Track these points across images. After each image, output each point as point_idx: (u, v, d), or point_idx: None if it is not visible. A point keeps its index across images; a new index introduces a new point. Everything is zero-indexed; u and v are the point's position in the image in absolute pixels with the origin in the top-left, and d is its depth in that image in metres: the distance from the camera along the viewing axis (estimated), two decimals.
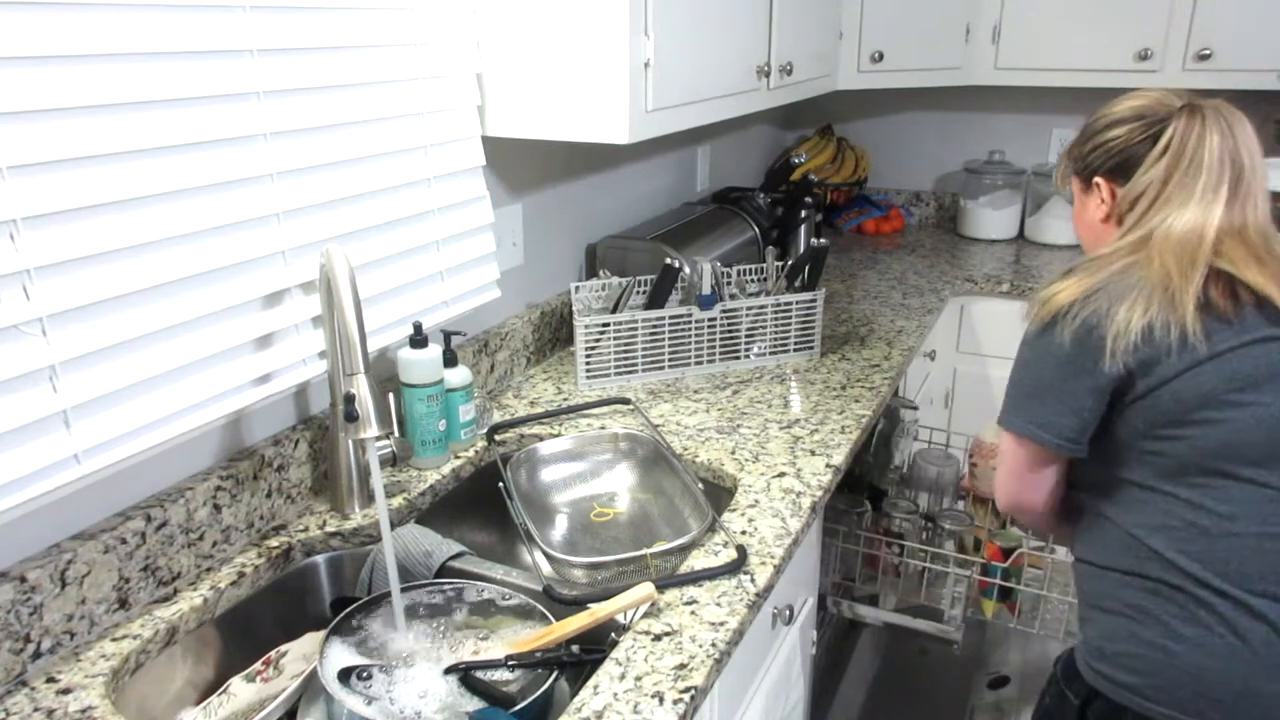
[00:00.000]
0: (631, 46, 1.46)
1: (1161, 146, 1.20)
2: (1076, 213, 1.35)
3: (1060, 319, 1.16)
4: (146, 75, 1.05)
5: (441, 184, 1.53)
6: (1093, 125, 1.29)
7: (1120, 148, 1.24)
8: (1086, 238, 1.34)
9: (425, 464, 1.47)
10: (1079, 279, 1.18)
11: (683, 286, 1.89)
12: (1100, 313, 1.14)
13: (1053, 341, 1.17)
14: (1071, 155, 1.33)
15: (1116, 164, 1.25)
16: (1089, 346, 1.15)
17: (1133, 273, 1.15)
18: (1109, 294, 1.15)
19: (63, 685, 1.01)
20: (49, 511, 1.05)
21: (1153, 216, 1.19)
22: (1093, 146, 1.27)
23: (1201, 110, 1.21)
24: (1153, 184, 1.20)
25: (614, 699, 0.98)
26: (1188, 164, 1.18)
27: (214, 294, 1.17)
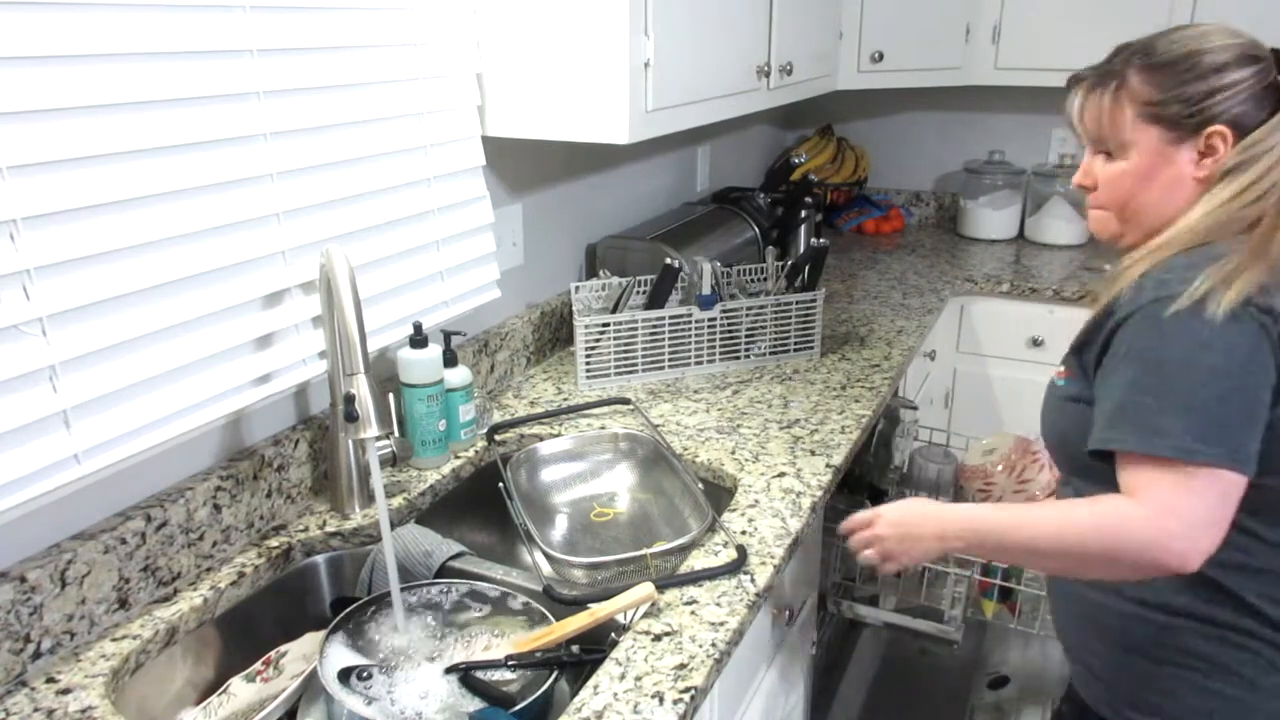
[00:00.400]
0: (631, 46, 1.46)
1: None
2: (1144, 170, 1.09)
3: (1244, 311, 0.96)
4: (146, 75, 1.05)
5: (441, 184, 1.53)
6: (1200, 63, 1.05)
7: (1249, 93, 1.04)
8: (1155, 200, 1.09)
9: (425, 464, 1.47)
10: (1240, 264, 0.97)
11: (683, 286, 1.89)
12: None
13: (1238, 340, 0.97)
14: (1161, 99, 1.06)
15: (1243, 111, 1.05)
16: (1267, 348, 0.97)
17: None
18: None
19: (63, 685, 1.01)
20: (49, 511, 1.05)
21: (1271, 181, 1.02)
22: (1211, 89, 1.04)
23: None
24: (1276, 147, 1.03)
25: (614, 699, 0.98)
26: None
27: (214, 294, 1.17)
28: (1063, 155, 2.91)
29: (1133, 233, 1.13)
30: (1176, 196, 1.08)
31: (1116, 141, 1.10)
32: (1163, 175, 1.08)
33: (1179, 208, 1.08)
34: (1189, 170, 1.07)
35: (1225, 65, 1.05)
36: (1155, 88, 1.06)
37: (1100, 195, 1.14)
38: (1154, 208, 1.10)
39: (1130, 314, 1.01)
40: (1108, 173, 1.12)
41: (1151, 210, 1.10)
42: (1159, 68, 1.07)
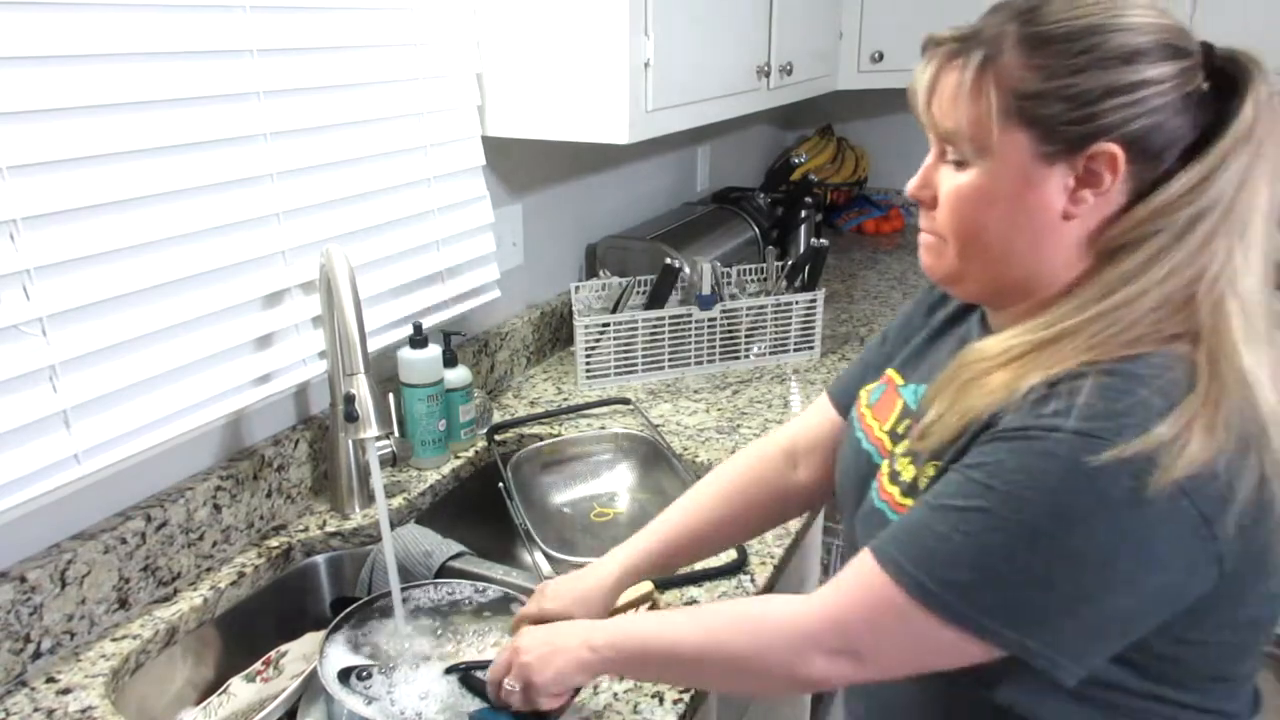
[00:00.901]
0: (631, 46, 1.46)
1: (1244, 128, 0.69)
2: (1003, 191, 0.74)
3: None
4: (146, 75, 1.05)
5: (441, 184, 1.53)
6: (1105, 44, 0.70)
7: (1163, 100, 0.70)
8: (1014, 239, 0.75)
9: (425, 464, 1.47)
10: (1199, 417, 0.66)
11: (683, 286, 1.89)
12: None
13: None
14: (1039, 90, 0.71)
15: (1150, 127, 0.70)
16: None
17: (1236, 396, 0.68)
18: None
19: (63, 685, 1.01)
20: (49, 511, 1.05)
21: (1208, 259, 0.70)
22: (1111, 86, 0.70)
23: (1263, 66, 0.72)
24: (1221, 199, 0.69)
25: (614, 699, 0.98)
26: (1266, 167, 0.71)
27: (214, 294, 1.17)
28: None
29: (975, 281, 0.80)
30: (1043, 243, 0.75)
31: (972, 143, 0.75)
32: (1024, 205, 0.74)
33: (1048, 261, 0.76)
34: (1058, 203, 0.73)
35: (1138, 54, 0.70)
36: (1035, 72, 0.71)
37: (938, 217, 0.79)
38: (1010, 252, 0.76)
39: (1022, 428, 0.68)
40: (952, 186, 0.78)
41: (1005, 255, 0.77)
42: (1046, 43, 0.71)
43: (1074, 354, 0.70)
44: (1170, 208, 0.70)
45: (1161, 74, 0.70)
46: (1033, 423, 0.68)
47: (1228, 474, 0.66)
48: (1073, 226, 0.74)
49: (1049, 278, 0.76)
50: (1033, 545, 0.66)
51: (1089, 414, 0.66)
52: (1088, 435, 0.65)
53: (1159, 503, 0.64)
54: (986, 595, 0.68)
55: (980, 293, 0.82)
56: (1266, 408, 0.68)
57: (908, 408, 0.88)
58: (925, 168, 0.81)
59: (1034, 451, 0.67)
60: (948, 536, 0.69)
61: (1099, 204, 0.73)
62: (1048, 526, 0.66)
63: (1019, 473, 0.67)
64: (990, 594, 0.68)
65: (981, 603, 0.68)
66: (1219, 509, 0.66)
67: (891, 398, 0.92)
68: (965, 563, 0.69)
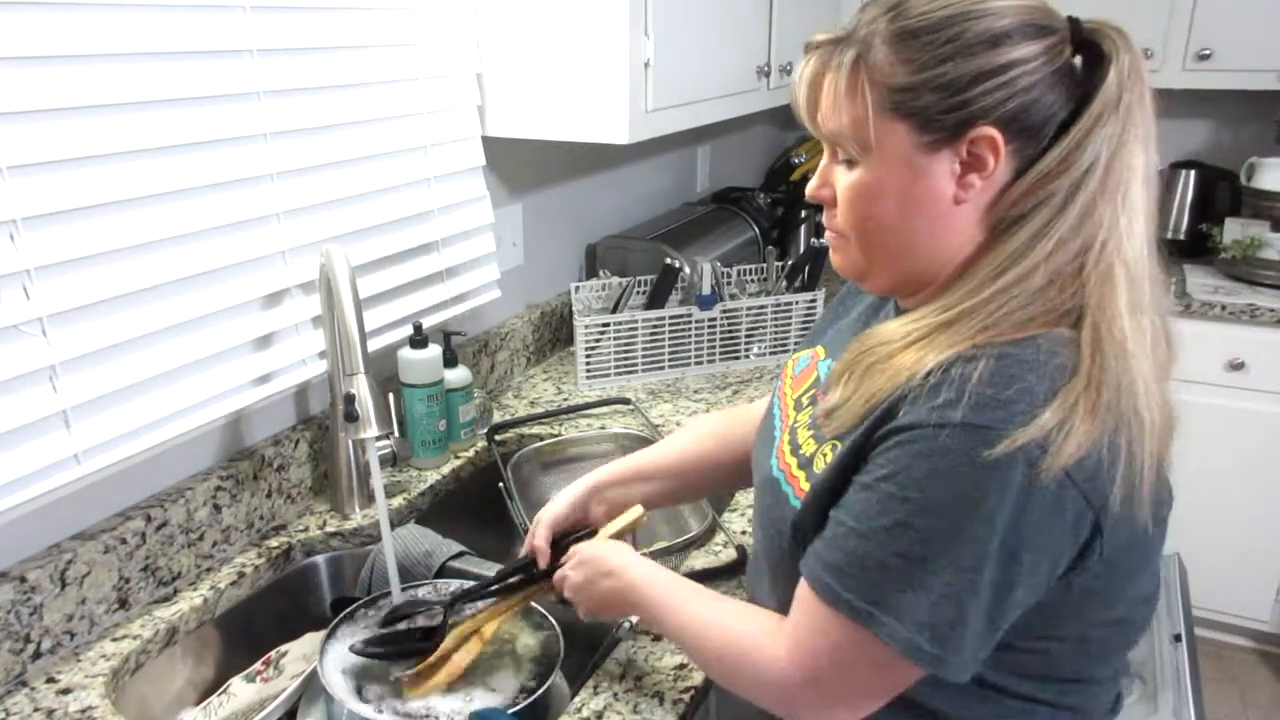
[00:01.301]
0: (631, 46, 1.46)
1: (1110, 96, 0.72)
2: (890, 185, 0.76)
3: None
4: (146, 75, 1.05)
5: (441, 184, 1.53)
6: (967, 31, 0.72)
7: (1033, 79, 0.72)
8: (910, 231, 0.77)
9: (425, 464, 1.47)
10: (1085, 396, 0.69)
11: (683, 286, 1.89)
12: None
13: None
14: (910, 83, 0.73)
15: (1023, 106, 0.72)
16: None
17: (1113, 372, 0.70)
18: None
19: (63, 685, 1.01)
20: (49, 511, 1.05)
21: (1094, 228, 0.72)
22: (979, 71, 0.71)
23: (1128, 39, 0.75)
24: (1095, 166, 0.72)
25: (614, 699, 0.98)
26: (1139, 131, 0.73)
27: (214, 294, 1.17)
28: None
29: (882, 273, 0.82)
30: (941, 230, 0.76)
31: (856, 141, 0.76)
32: (914, 195, 0.76)
33: (949, 246, 0.77)
34: (947, 189, 0.75)
35: (1003, 36, 0.72)
36: (905, 65, 0.73)
37: (837, 215, 0.81)
38: (910, 242, 0.78)
39: (916, 426, 0.70)
40: (845, 184, 0.79)
41: (906, 245, 0.78)
42: (913, 35, 0.73)
43: (970, 334, 0.72)
44: (1047, 179, 0.72)
45: (1027, 53, 0.72)
46: (926, 418, 0.69)
47: (1110, 456, 0.68)
48: (966, 209, 0.76)
49: (948, 260, 0.78)
50: (958, 553, 0.68)
51: (978, 403, 0.68)
52: (978, 427, 0.67)
53: (1050, 489, 0.67)
54: (926, 614, 0.70)
55: (890, 284, 0.83)
56: (1140, 379, 0.70)
57: (819, 380, 0.91)
58: (822, 168, 0.83)
59: (934, 452, 0.69)
60: (885, 563, 0.71)
61: (987, 185, 0.75)
62: (969, 528, 0.68)
63: (927, 478, 0.69)
64: (929, 613, 0.70)
65: (922, 625, 0.70)
66: (1102, 493, 0.69)
67: (811, 370, 0.95)
68: (904, 584, 0.70)
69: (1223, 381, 2.34)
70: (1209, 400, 2.35)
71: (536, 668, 1.05)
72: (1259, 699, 2.43)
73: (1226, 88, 2.45)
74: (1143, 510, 0.71)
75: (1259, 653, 2.58)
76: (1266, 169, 2.46)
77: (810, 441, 0.84)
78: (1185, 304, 2.33)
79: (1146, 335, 0.72)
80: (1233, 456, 2.36)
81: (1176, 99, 2.71)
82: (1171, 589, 1.55)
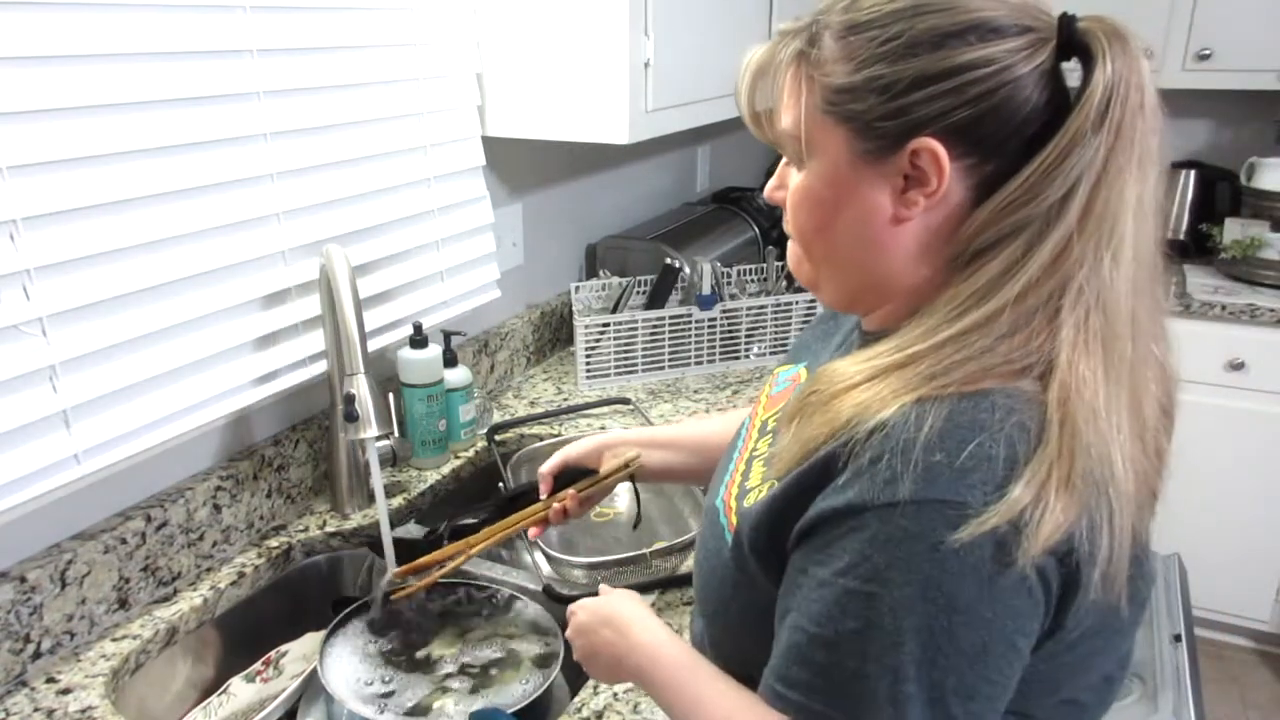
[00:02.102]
0: (631, 46, 1.46)
1: (1092, 110, 0.60)
2: (830, 194, 0.68)
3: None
4: (146, 75, 1.05)
5: (441, 184, 1.53)
6: (915, 28, 0.63)
7: (995, 85, 0.62)
8: (849, 244, 0.69)
9: (425, 464, 1.47)
10: (1056, 468, 0.59)
11: (683, 286, 1.89)
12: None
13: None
14: (851, 84, 0.65)
15: (977, 116, 0.62)
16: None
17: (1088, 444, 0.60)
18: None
19: (63, 685, 1.01)
20: (49, 511, 1.05)
21: (1071, 268, 0.62)
22: (923, 74, 0.62)
23: (1124, 41, 0.61)
24: (1073, 196, 0.61)
25: (614, 699, 0.98)
26: (1133, 154, 0.61)
27: (214, 294, 1.17)
28: None
29: (829, 286, 0.74)
30: (882, 250, 0.68)
31: (796, 143, 0.69)
32: (852, 209, 0.67)
33: (895, 270, 0.68)
34: (887, 206, 0.66)
35: (952, 36, 0.62)
36: (846, 63, 0.64)
37: (788, 219, 0.73)
38: (849, 259, 0.70)
39: (867, 508, 0.60)
40: (792, 189, 0.71)
41: (846, 261, 0.71)
42: (858, 29, 0.64)
43: (918, 383, 0.62)
44: (1011, 208, 0.62)
45: (982, 56, 0.61)
46: (873, 496, 0.60)
47: (1088, 531, 0.60)
48: (910, 230, 0.66)
49: (898, 284, 0.69)
50: (938, 653, 0.59)
51: (928, 474, 0.59)
52: (935, 502, 0.58)
53: (1025, 572, 0.58)
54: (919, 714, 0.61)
55: (837, 299, 0.75)
56: (1115, 445, 0.61)
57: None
58: (780, 168, 0.75)
59: (893, 538, 0.59)
60: (862, 673, 0.61)
61: (936, 205, 0.65)
62: (939, 625, 0.59)
63: (890, 569, 0.59)
64: (926, 712, 0.60)
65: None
66: (1084, 572, 0.60)
67: (789, 392, 0.86)
68: (886, 698, 0.60)
69: (1223, 381, 2.34)
70: (1209, 400, 2.35)
71: (536, 668, 1.05)
72: (1259, 699, 2.43)
73: (1226, 88, 2.46)
74: (1115, 590, 0.62)
75: (1259, 653, 2.58)
76: (1266, 169, 2.46)
77: (758, 474, 0.75)
78: (1185, 304, 2.33)
79: (1121, 398, 0.62)
80: (1233, 456, 2.36)
81: (1176, 99, 2.71)
82: (1171, 589, 1.55)
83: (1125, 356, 0.62)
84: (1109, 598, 0.62)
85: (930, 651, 0.59)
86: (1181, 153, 2.79)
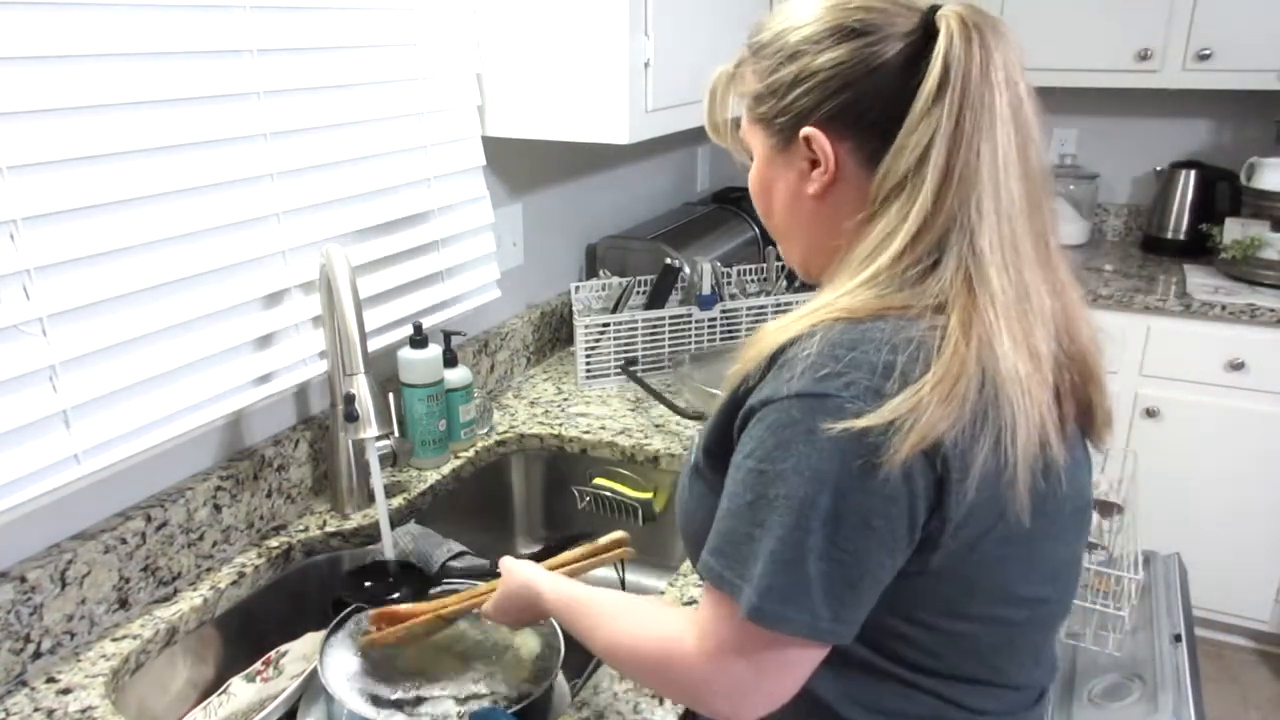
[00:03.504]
0: (631, 46, 1.46)
1: (934, 81, 0.72)
2: (764, 183, 0.86)
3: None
4: (146, 75, 1.05)
5: (441, 184, 1.53)
6: (786, 41, 0.79)
7: (846, 78, 0.76)
8: (789, 224, 0.85)
9: (425, 464, 1.47)
10: (934, 391, 0.69)
11: (683, 286, 1.89)
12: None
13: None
14: (758, 91, 0.82)
15: (842, 105, 0.76)
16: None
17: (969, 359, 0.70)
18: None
19: (63, 685, 1.01)
20: (49, 511, 1.05)
21: (947, 220, 0.72)
22: (795, 76, 0.78)
23: (971, 23, 0.73)
24: (929, 155, 0.72)
25: (614, 699, 0.98)
26: (982, 117, 0.72)
27: (214, 294, 1.17)
28: (1062, 155, 2.91)
29: (790, 255, 0.90)
30: (809, 222, 0.83)
31: (737, 146, 0.89)
32: (780, 191, 0.84)
33: (822, 236, 0.82)
34: (801, 186, 0.81)
35: (811, 42, 0.77)
36: (755, 76, 0.82)
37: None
38: (790, 232, 0.86)
39: (769, 401, 0.72)
40: (749, 180, 0.89)
41: (789, 234, 0.87)
42: (762, 48, 0.82)
43: (830, 315, 0.74)
44: (889, 175, 0.74)
45: (835, 57, 0.76)
46: (774, 392, 0.72)
47: (961, 444, 0.69)
48: (828, 203, 0.80)
49: (828, 247, 0.81)
50: (800, 516, 0.70)
51: (813, 373, 0.70)
52: (815, 396, 0.69)
53: (895, 474, 0.68)
54: (774, 579, 0.71)
55: (796, 264, 0.89)
56: (1009, 373, 0.70)
57: None
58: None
59: (780, 424, 0.71)
60: (750, 535, 0.73)
61: (838, 180, 0.79)
62: (805, 493, 0.69)
63: (777, 449, 0.71)
64: (776, 577, 0.71)
65: (771, 589, 0.71)
66: (953, 481, 0.70)
67: None
68: (759, 554, 0.72)
69: (1223, 381, 2.34)
70: (1209, 400, 2.35)
71: (537, 668, 1.05)
72: (1259, 699, 2.43)
73: (1226, 88, 2.46)
74: (1015, 503, 0.72)
75: (1259, 653, 2.58)
76: (1266, 169, 2.46)
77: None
78: (1185, 304, 2.33)
79: (1014, 328, 0.72)
80: (1233, 456, 2.36)
81: (1176, 99, 2.71)
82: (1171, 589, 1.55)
83: (1005, 298, 0.72)
84: (1005, 507, 0.72)
85: (794, 516, 0.70)
86: (1181, 153, 2.79)
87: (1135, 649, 1.40)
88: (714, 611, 0.76)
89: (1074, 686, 1.35)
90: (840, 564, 0.70)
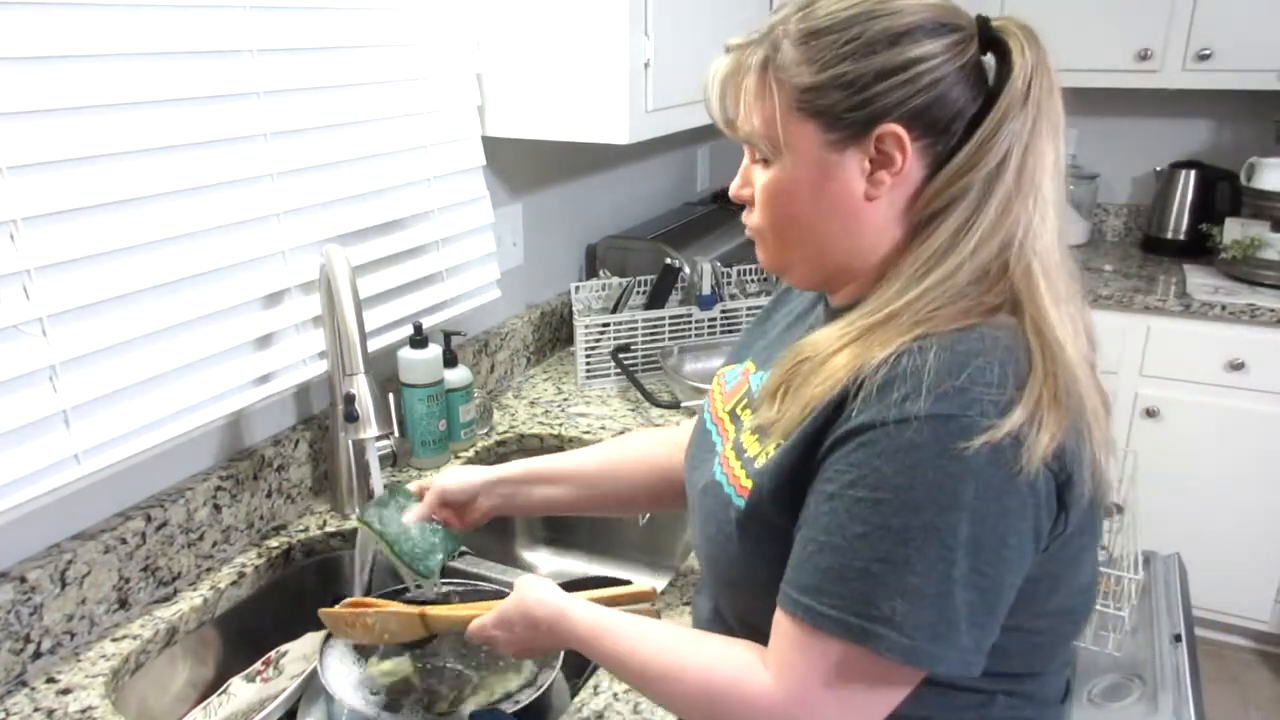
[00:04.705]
0: (631, 47, 1.46)
1: (1017, 91, 0.72)
2: (804, 184, 0.77)
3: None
4: (146, 75, 1.05)
5: (441, 184, 1.53)
6: (870, 29, 0.73)
7: (938, 75, 0.72)
8: (828, 229, 0.78)
9: (425, 464, 1.47)
10: (1048, 389, 0.68)
11: (683, 286, 1.89)
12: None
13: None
14: (816, 82, 0.74)
15: (929, 102, 0.73)
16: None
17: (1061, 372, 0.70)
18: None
19: (63, 685, 1.01)
20: (49, 511, 1.05)
21: (1013, 225, 0.72)
22: (882, 68, 0.72)
23: (1034, 35, 0.75)
24: (1008, 160, 0.72)
25: (614, 699, 0.98)
26: (1046, 125, 0.74)
27: (214, 294, 1.17)
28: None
29: (802, 268, 0.83)
30: (856, 227, 0.77)
31: (767, 141, 0.78)
32: (826, 193, 0.76)
33: (866, 243, 0.77)
34: (858, 187, 0.75)
35: (904, 34, 0.72)
36: (810, 65, 0.74)
37: (756, 214, 0.83)
38: (825, 240, 0.78)
39: (875, 425, 0.68)
40: (761, 184, 0.81)
41: (822, 243, 0.79)
42: (817, 35, 0.74)
43: (903, 331, 0.71)
44: (959, 174, 0.73)
45: (930, 51, 0.72)
46: (884, 416, 0.68)
47: (1075, 439, 0.69)
48: (879, 206, 0.76)
49: (868, 256, 0.78)
50: (942, 547, 0.66)
51: (938, 393, 0.67)
52: (945, 417, 0.66)
53: (1028, 481, 0.67)
54: (923, 616, 0.67)
55: (809, 279, 0.84)
56: (1077, 369, 0.71)
57: (750, 393, 0.90)
58: (743, 168, 0.85)
59: (901, 449, 0.67)
60: (867, 571, 0.67)
61: (900, 182, 0.75)
62: (949, 521, 0.66)
63: (899, 475, 0.67)
64: (925, 613, 0.67)
65: (919, 627, 0.67)
66: (1069, 474, 0.69)
67: (742, 384, 0.93)
68: (892, 590, 0.67)
69: (1223, 381, 2.34)
70: (1209, 400, 2.35)
71: (536, 668, 1.05)
72: (1259, 699, 2.43)
73: (1226, 88, 2.46)
74: (1103, 487, 0.73)
75: (1259, 653, 2.58)
76: (1266, 169, 2.46)
77: (755, 445, 0.81)
78: (1185, 304, 2.33)
79: (1069, 327, 0.72)
80: (1233, 456, 2.36)
81: (1176, 99, 2.71)
82: (1171, 589, 1.55)
83: (1062, 297, 0.73)
84: (1098, 495, 0.72)
85: (935, 547, 0.66)
86: (1181, 153, 2.79)
87: (1135, 649, 1.40)
88: (800, 648, 0.70)
89: (1074, 687, 1.35)
90: (983, 592, 0.68)
